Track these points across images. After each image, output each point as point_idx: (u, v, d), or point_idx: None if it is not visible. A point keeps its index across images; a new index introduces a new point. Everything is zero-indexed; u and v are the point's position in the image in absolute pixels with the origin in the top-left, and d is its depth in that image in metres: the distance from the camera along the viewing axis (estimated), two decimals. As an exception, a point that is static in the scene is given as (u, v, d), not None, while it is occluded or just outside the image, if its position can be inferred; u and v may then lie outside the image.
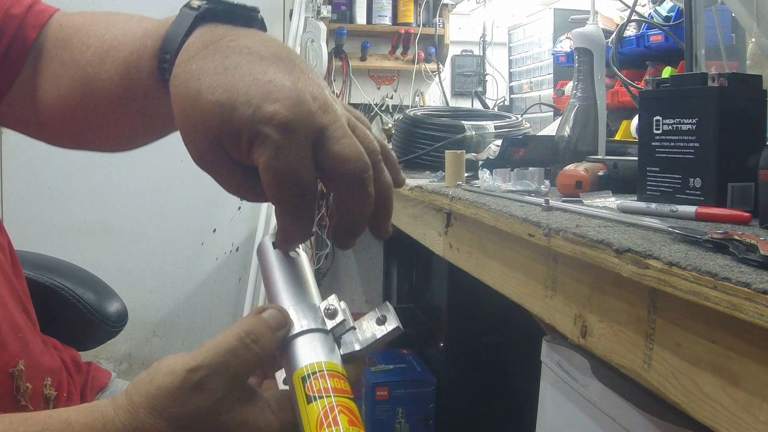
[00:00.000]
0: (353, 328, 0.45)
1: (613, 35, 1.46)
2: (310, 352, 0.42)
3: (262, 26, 0.53)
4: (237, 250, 2.76)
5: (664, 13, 1.46)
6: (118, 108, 0.58)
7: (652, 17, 1.49)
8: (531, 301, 0.81)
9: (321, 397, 0.39)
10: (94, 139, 0.65)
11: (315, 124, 0.44)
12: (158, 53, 0.52)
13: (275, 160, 0.43)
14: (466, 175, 1.18)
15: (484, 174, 1.05)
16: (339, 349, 0.44)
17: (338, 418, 0.37)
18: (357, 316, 0.46)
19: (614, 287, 0.62)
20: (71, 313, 0.93)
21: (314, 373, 0.40)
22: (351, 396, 0.40)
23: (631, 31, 1.57)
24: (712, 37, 1.14)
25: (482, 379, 2.10)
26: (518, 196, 0.92)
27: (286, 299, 0.46)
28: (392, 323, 0.45)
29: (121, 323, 0.99)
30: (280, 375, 0.49)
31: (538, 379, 0.99)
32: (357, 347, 0.45)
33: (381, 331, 0.45)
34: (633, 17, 1.48)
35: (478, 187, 1.05)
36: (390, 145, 2.04)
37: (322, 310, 0.45)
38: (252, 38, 0.48)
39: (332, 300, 0.46)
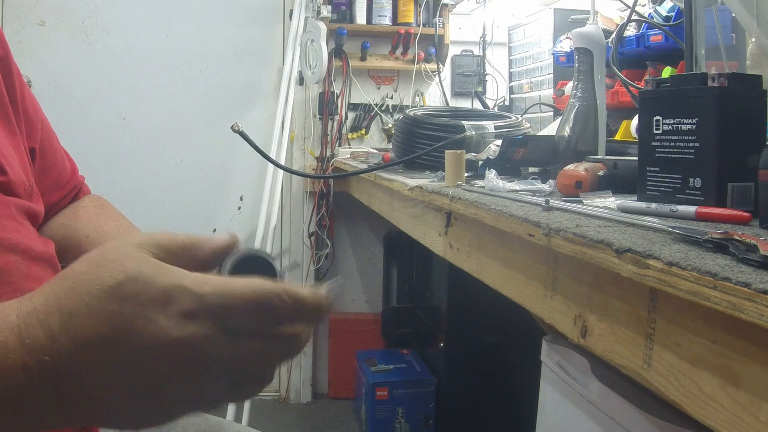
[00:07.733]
0: None
1: (613, 35, 1.46)
2: None
3: None
4: (237, 249, 2.76)
5: (664, 13, 1.46)
6: None
7: (652, 17, 1.49)
8: (531, 301, 0.81)
9: None
10: None
11: None
12: None
13: None
14: (466, 175, 1.18)
15: (491, 174, 1.04)
16: None
17: None
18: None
19: (614, 287, 0.62)
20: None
21: None
22: None
23: (631, 31, 1.57)
24: (712, 37, 1.14)
25: (482, 379, 2.10)
26: (518, 196, 0.92)
27: None
28: None
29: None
30: None
31: (538, 379, 0.99)
32: None
33: None
34: (633, 17, 1.48)
35: (482, 186, 1.04)
36: (390, 145, 2.04)
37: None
38: None
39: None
